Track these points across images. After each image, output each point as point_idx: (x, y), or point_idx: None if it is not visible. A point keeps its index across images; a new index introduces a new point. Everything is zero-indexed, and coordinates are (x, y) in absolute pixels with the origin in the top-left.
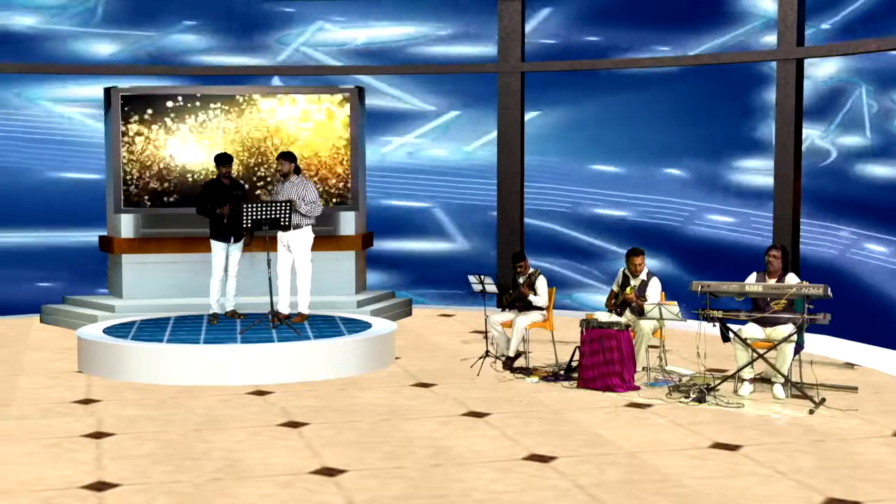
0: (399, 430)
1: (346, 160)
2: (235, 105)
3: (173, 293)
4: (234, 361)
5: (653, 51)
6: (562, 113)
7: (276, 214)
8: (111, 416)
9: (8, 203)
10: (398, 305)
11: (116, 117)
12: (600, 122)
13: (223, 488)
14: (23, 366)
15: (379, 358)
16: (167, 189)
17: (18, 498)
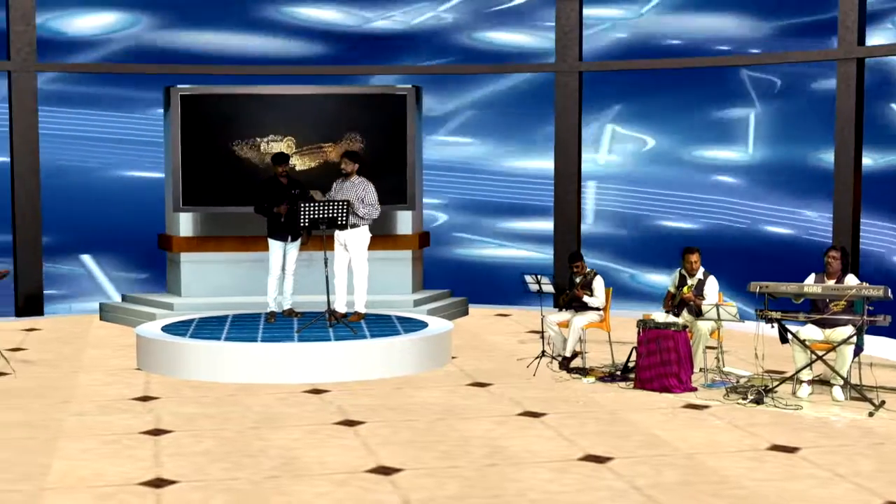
0: (455, 429)
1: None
2: (295, 104)
3: (231, 292)
4: (291, 360)
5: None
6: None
7: (334, 214)
8: (169, 413)
9: (67, 201)
10: (455, 305)
11: (175, 117)
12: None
13: (280, 486)
14: (83, 363)
15: (435, 357)
16: (227, 188)
17: (77, 494)
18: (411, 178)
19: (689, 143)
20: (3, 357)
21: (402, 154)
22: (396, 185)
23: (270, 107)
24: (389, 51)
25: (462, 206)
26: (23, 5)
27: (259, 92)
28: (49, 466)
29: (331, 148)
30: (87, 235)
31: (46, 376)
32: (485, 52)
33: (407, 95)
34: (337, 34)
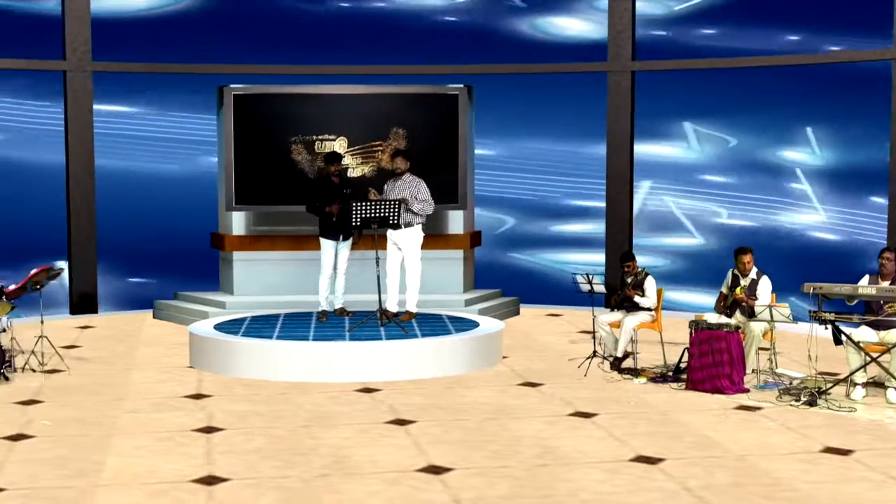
0: (506, 429)
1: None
2: (347, 103)
3: (283, 290)
4: (342, 358)
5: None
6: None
7: (386, 213)
8: (221, 411)
9: (121, 199)
10: (506, 304)
11: (228, 116)
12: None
13: (331, 484)
14: (136, 360)
15: (486, 357)
16: (279, 187)
17: (131, 490)
18: (463, 177)
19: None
20: (58, 354)
21: (454, 154)
22: (448, 184)
23: (323, 106)
24: (442, 49)
25: (513, 206)
26: (78, 5)
27: (312, 91)
28: (103, 463)
29: (382, 147)
30: (141, 234)
31: (100, 374)
32: (537, 46)
33: (459, 95)
34: (388, 31)
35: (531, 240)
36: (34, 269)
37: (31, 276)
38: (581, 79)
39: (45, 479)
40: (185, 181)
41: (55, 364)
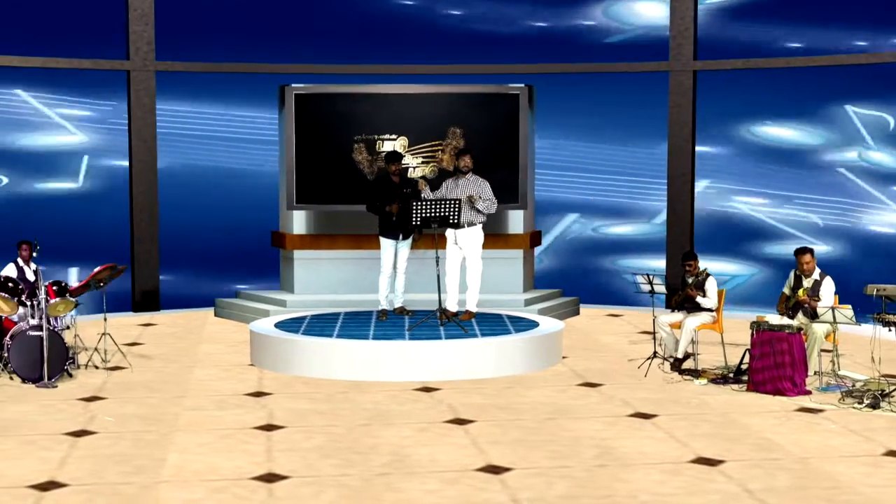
0: (565, 429)
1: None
2: (408, 103)
3: (343, 289)
4: (402, 358)
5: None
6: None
7: (446, 212)
8: (282, 408)
9: (183, 198)
10: (566, 304)
11: (290, 116)
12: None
13: (390, 483)
14: (198, 358)
15: (546, 357)
16: (340, 186)
17: (192, 487)
18: (523, 177)
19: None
20: (121, 352)
21: (515, 153)
22: (508, 184)
23: (384, 106)
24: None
25: (574, 206)
26: (141, 5)
27: (373, 91)
28: (164, 460)
29: (442, 147)
30: (203, 232)
31: (162, 371)
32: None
33: (520, 95)
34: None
35: (591, 240)
36: (98, 267)
37: (94, 274)
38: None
39: (107, 476)
40: (247, 180)
41: (118, 361)
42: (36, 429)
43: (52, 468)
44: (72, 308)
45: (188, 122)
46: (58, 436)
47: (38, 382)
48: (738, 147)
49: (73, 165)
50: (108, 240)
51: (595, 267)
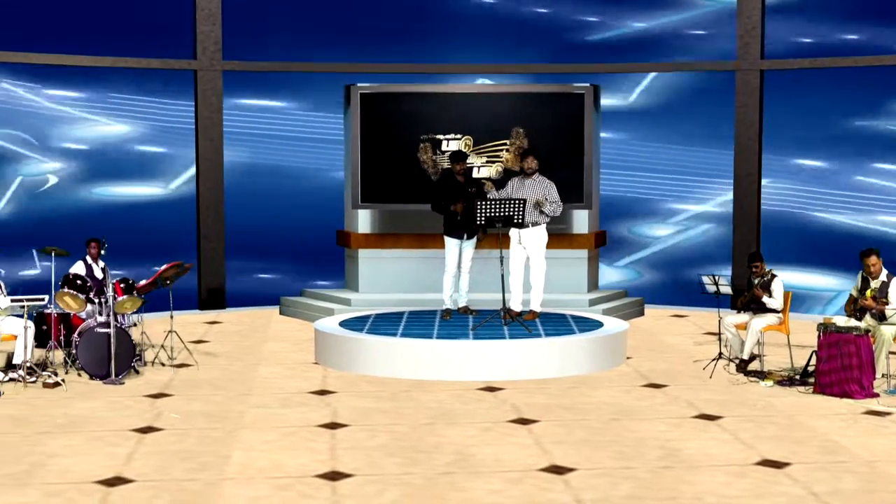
0: (629, 430)
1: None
2: (472, 102)
3: (407, 288)
4: (466, 357)
5: None
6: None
7: (510, 212)
8: (346, 407)
9: (249, 196)
10: (630, 305)
11: (355, 115)
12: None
13: (454, 482)
14: (262, 356)
15: (610, 357)
16: (405, 185)
17: (257, 484)
18: (588, 177)
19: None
20: (187, 349)
21: (580, 153)
22: (573, 184)
23: (448, 105)
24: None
25: (639, 205)
26: (209, 5)
27: (437, 90)
28: (229, 457)
29: (507, 146)
30: (268, 231)
31: (228, 368)
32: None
33: (584, 94)
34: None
35: (657, 240)
36: (164, 265)
37: (161, 272)
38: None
39: (173, 472)
40: (312, 179)
41: (184, 358)
42: (103, 425)
43: (119, 464)
44: (139, 305)
45: (254, 121)
46: (125, 432)
47: (105, 379)
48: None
49: (141, 165)
50: (175, 238)
51: (661, 268)
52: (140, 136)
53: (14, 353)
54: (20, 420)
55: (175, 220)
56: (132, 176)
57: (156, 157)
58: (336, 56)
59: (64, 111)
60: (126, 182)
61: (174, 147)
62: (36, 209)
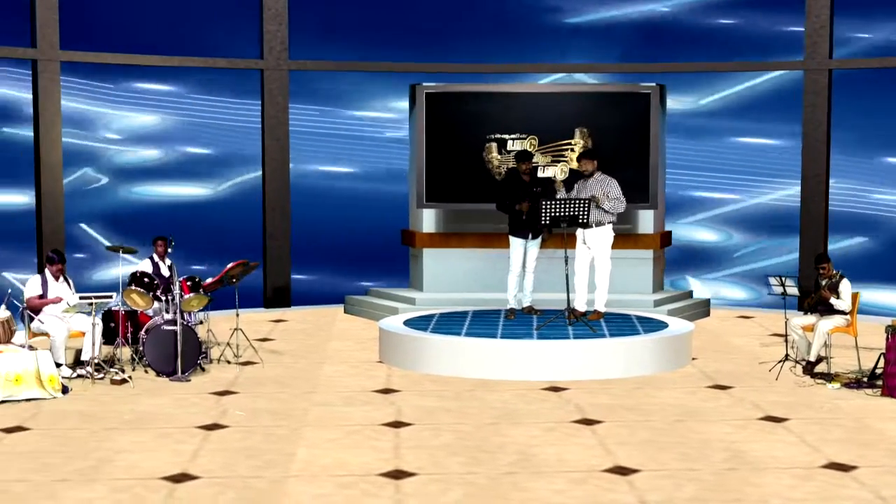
0: (694, 431)
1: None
2: (537, 102)
3: (472, 288)
4: (530, 357)
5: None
6: None
7: (575, 211)
8: (410, 406)
9: (314, 195)
10: (695, 305)
11: (420, 114)
12: None
13: (517, 482)
14: (327, 354)
15: (675, 358)
16: (470, 185)
17: (321, 482)
18: (654, 177)
19: None
20: (252, 347)
21: (645, 153)
22: (638, 184)
23: (514, 105)
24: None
25: (704, 205)
26: (275, 5)
27: (502, 90)
28: (293, 454)
29: (572, 146)
30: (333, 230)
31: (293, 366)
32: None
33: (651, 94)
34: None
35: (721, 240)
36: (230, 264)
37: (227, 270)
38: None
39: (238, 469)
40: (377, 178)
41: (249, 356)
42: (170, 422)
43: (185, 461)
44: (205, 303)
45: (320, 120)
46: (190, 429)
47: (171, 376)
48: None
49: (208, 164)
50: (241, 236)
51: (723, 267)
52: (206, 134)
53: (82, 349)
54: (88, 416)
55: (241, 219)
56: (198, 174)
57: (222, 155)
58: (401, 55)
59: (133, 109)
60: (191, 180)
61: (242, 145)
62: (102, 207)
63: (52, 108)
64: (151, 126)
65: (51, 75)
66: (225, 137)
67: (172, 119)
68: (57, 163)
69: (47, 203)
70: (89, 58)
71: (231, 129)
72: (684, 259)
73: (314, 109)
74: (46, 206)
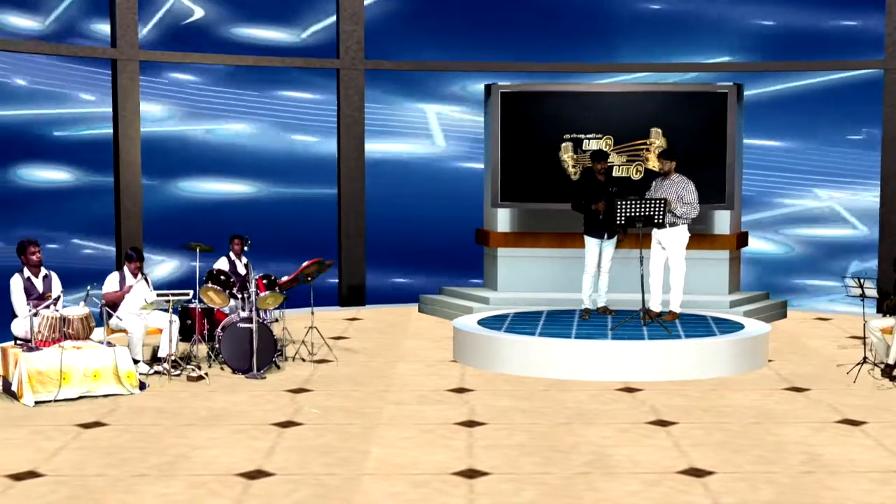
0: (770, 433)
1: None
2: (613, 101)
3: (546, 287)
4: (604, 357)
5: None
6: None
7: (651, 212)
8: (484, 405)
9: (389, 194)
10: (772, 307)
11: (496, 113)
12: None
13: (591, 483)
14: (401, 353)
15: (751, 360)
16: (544, 184)
17: (395, 480)
18: (731, 177)
19: None
20: (327, 345)
21: (722, 152)
22: (715, 184)
23: (589, 104)
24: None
25: (781, 206)
26: (352, 5)
27: (578, 89)
28: (367, 452)
29: (647, 146)
30: (407, 228)
31: (367, 365)
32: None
33: (728, 93)
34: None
35: (801, 241)
36: (306, 262)
37: (302, 269)
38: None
39: (312, 466)
40: (452, 177)
41: (324, 354)
42: (245, 418)
43: (260, 457)
44: (281, 301)
45: (395, 119)
46: (265, 426)
47: (247, 373)
48: None
49: (284, 162)
50: (317, 235)
51: (804, 269)
52: (284, 133)
53: (159, 346)
54: (165, 412)
55: (316, 217)
56: (273, 173)
57: (296, 153)
58: (476, 55)
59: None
60: (267, 179)
61: (317, 145)
62: (180, 205)
63: (131, 107)
64: (221, 123)
65: (130, 74)
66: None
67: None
68: (135, 160)
69: (126, 201)
70: (167, 57)
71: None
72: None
73: (390, 107)
74: (125, 203)
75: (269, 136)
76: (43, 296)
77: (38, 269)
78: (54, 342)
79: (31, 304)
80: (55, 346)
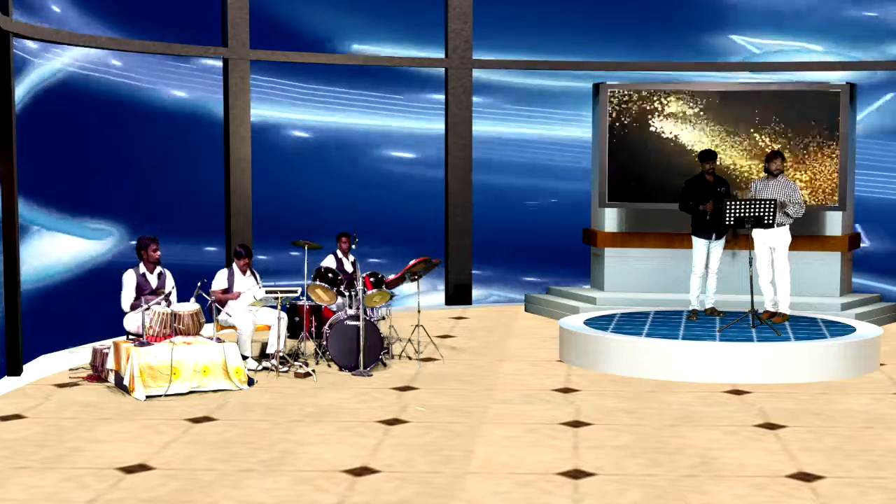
0: (882, 438)
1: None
2: (721, 100)
3: (653, 288)
4: (712, 359)
5: None
6: None
7: (761, 212)
8: (589, 405)
9: (496, 194)
10: (885, 310)
11: (604, 112)
12: None
13: (698, 485)
14: (507, 352)
15: (862, 363)
16: (652, 184)
17: (499, 479)
18: (842, 177)
19: None
20: (433, 343)
21: (834, 153)
22: (826, 184)
23: (696, 103)
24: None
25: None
26: (461, 3)
27: (685, 88)
28: (472, 451)
29: (752, 145)
30: (514, 227)
31: (473, 364)
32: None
33: (841, 93)
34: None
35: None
36: (413, 260)
37: (409, 267)
38: None
39: (417, 464)
40: (559, 176)
41: (430, 352)
42: (351, 415)
43: (366, 454)
44: (388, 299)
45: (502, 118)
46: (371, 423)
47: (354, 370)
48: None
49: (390, 160)
50: (424, 233)
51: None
52: (389, 132)
53: (268, 343)
54: (272, 408)
55: (424, 215)
56: (378, 172)
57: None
58: (584, 52)
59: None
60: (371, 178)
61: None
62: (285, 201)
63: (242, 106)
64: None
65: (241, 74)
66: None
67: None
68: (245, 158)
69: (236, 199)
70: (277, 56)
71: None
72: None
73: (496, 106)
74: (235, 202)
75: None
76: (156, 291)
77: (153, 266)
78: (165, 337)
79: (144, 299)
80: (166, 341)
